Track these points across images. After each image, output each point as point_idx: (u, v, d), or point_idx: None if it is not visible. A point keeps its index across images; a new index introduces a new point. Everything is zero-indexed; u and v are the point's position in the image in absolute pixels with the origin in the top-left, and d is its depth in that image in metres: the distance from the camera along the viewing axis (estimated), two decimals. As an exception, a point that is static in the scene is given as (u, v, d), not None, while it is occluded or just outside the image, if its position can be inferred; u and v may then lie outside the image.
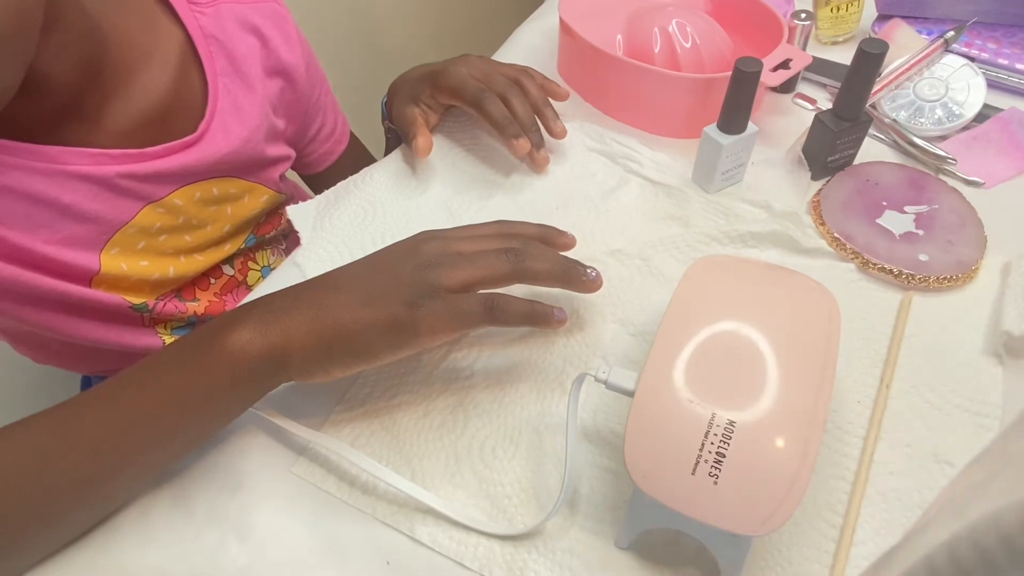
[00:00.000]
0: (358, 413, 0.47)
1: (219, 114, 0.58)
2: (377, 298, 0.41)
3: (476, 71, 0.63)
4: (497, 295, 0.43)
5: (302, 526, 0.42)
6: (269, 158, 0.65)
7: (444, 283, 0.42)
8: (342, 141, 0.78)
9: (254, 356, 0.40)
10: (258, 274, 0.70)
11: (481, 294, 0.43)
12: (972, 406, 0.47)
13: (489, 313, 0.42)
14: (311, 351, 0.41)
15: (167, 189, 0.56)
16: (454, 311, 0.41)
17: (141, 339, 0.61)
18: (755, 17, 0.71)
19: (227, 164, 0.60)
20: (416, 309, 0.41)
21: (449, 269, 0.42)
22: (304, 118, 0.70)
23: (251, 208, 0.65)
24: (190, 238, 0.60)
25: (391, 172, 0.64)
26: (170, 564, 0.40)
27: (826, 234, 0.57)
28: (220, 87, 0.58)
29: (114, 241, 0.54)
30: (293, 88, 0.66)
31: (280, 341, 0.40)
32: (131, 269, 0.56)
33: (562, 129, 0.63)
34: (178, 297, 0.62)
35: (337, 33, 1.24)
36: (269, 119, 0.63)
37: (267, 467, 0.44)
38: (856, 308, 0.53)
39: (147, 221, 0.56)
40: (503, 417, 0.47)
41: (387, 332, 0.41)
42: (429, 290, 0.41)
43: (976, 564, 0.15)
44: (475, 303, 0.42)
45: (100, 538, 0.41)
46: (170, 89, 0.55)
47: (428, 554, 0.41)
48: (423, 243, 0.45)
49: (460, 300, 0.42)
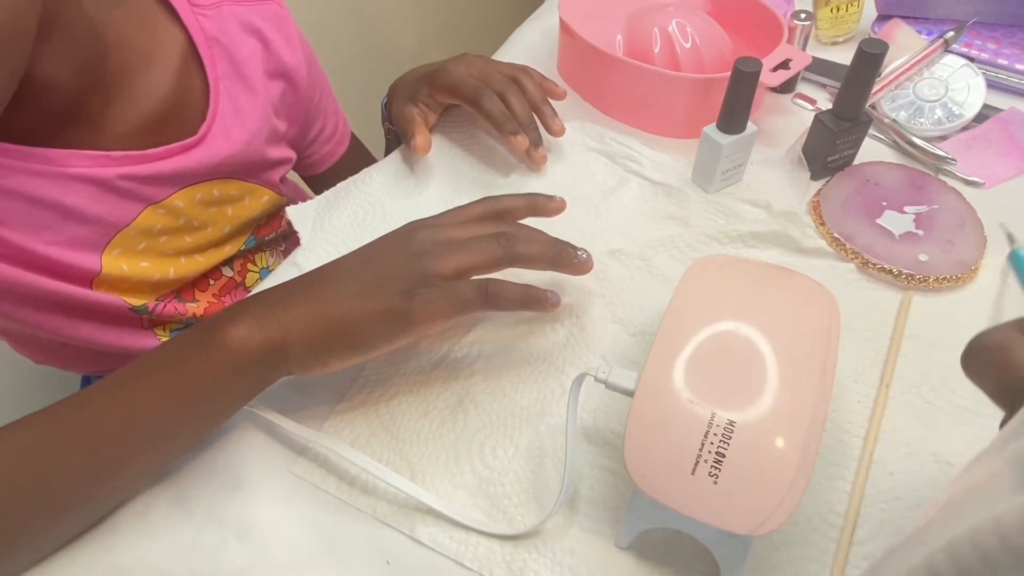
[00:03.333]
0: (358, 413, 0.47)
1: (220, 117, 0.58)
2: (373, 289, 0.42)
3: (474, 70, 0.63)
4: (492, 280, 0.43)
5: (302, 526, 0.42)
6: (270, 160, 0.65)
7: (438, 270, 0.42)
8: (343, 143, 0.79)
9: (252, 350, 0.40)
10: (256, 276, 0.70)
11: (476, 280, 0.43)
12: (972, 406, 0.47)
13: (484, 298, 0.43)
14: (309, 344, 0.41)
15: (168, 191, 0.56)
16: (450, 297, 0.42)
17: (140, 340, 0.61)
18: (755, 17, 0.71)
19: (228, 166, 0.60)
20: (412, 298, 0.41)
21: (442, 256, 0.43)
22: (305, 120, 0.70)
23: (252, 209, 0.65)
24: (191, 239, 0.60)
25: (390, 172, 0.64)
26: (170, 564, 0.40)
27: (826, 234, 0.57)
28: (222, 90, 0.58)
29: (115, 242, 0.54)
30: (295, 90, 0.66)
31: (278, 335, 0.40)
32: (132, 270, 0.56)
33: (560, 127, 0.63)
34: (177, 298, 0.62)
35: (338, 34, 1.24)
36: (270, 122, 0.63)
37: (267, 467, 0.44)
38: (856, 308, 0.53)
39: (148, 223, 0.56)
40: (503, 417, 0.47)
41: (384, 322, 0.41)
42: (423, 278, 0.42)
43: (976, 564, 0.15)
44: (470, 289, 0.42)
45: (100, 538, 0.41)
46: (171, 91, 0.55)
47: (428, 554, 0.41)
48: (414, 232, 0.45)
49: (455, 286, 0.42)
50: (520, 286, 0.44)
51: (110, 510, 0.42)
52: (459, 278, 0.43)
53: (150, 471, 0.42)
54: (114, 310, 0.57)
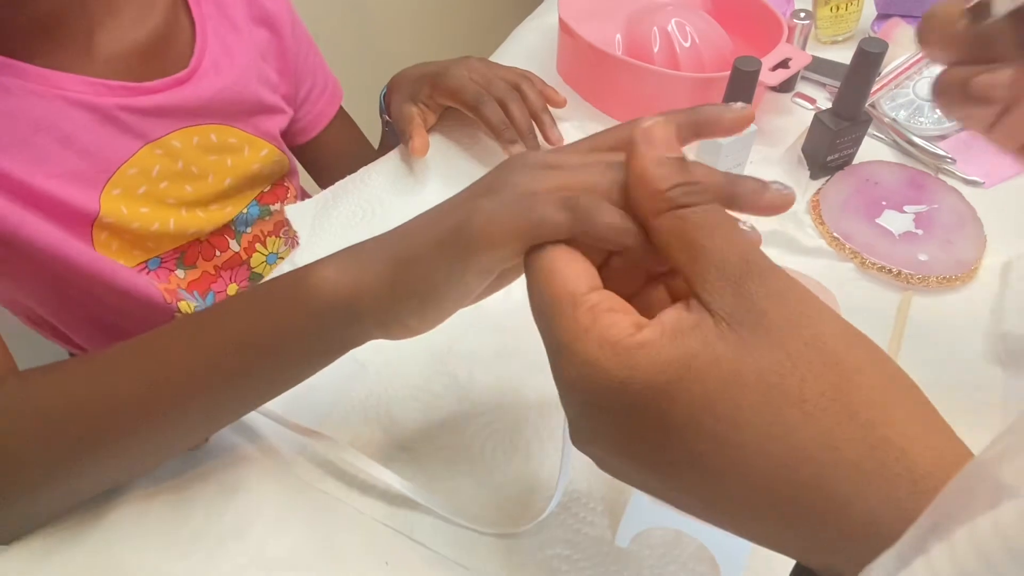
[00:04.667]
0: (358, 413, 0.47)
1: (209, 52, 0.60)
2: (444, 214, 0.33)
3: (476, 74, 0.63)
4: (584, 194, 0.29)
5: (301, 526, 0.42)
6: (265, 104, 0.66)
7: (529, 187, 0.31)
8: (334, 102, 0.79)
9: (329, 294, 0.35)
10: (263, 259, 0.70)
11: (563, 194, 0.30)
12: (972, 406, 0.47)
13: (571, 213, 0.28)
14: (380, 293, 0.35)
15: (165, 128, 0.58)
16: (519, 211, 0.29)
17: (149, 314, 0.61)
18: (754, 16, 0.71)
19: (222, 102, 0.61)
20: (473, 213, 0.31)
21: (540, 172, 0.31)
22: (295, 76, 0.71)
23: (251, 161, 0.66)
24: (191, 188, 0.61)
25: (389, 171, 0.64)
26: (169, 564, 0.40)
27: (825, 233, 0.57)
28: (209, 28, 0.60)
29: (114, 181, 0.55)
30: (279, 39, 0.67)
31: (351, 283, 0.35)
32: (131, 214, 0.57)
33: (558, 137, 0.64)
34: (180, 264, 0.63)
35: (338, 33, 1.24)
36: (259, 64, 0.65)
37: (266, 467, 0.44)
38: (855, 307, 0.52)
39: (146, 163, 0.57)
40: (503, 417, 0.47)
41: (443, 251, 0.32)
42: (501, 187, 0.31)
43: (976, 564, 0.15)
44: (551, 201, 0.29)
45: (99, 538, 0.41)
46: (159, 25, 0.57)
47: (428, 554, 0.41)
48: (524, 153, 0.34)
49: (531, 196, 0.30)
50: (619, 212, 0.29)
51: (168, 455, 0.42)
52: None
53: (220, 417, 0.40)
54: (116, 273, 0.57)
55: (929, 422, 0.24)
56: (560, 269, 0.27)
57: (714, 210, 0.25)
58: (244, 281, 0.69)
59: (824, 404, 0.22)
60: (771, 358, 0.22)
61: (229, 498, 0.43)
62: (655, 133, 0.27)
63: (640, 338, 0.24)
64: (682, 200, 0.25)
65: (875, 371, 0.23)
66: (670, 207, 0.25)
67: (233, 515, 0.42)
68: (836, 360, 0.23)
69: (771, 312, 0.23)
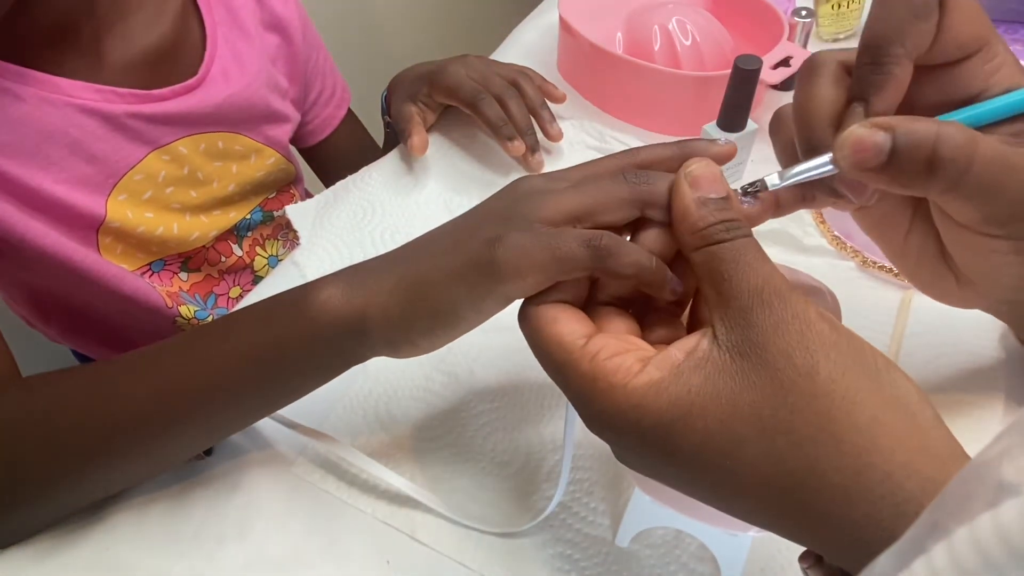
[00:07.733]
0: (358, 413, 0.47)
1: (219, 59, 0.60)
2: (461, 242, 0.34)
3: (474, 72, 0.63)
4: (606, 233, 0.31)
5: (302, 526, 0.42)
6: (274, 112, 0.66)
7: (541, 214, 0.32)
8: (342, 106, 0.79)
9: (333, 314, 0.36)
10: (265, 261, 0.70)
11: (584, 230, 0.32)
12: (972, 405, 0.47)
13: (592, 252, 0.30)
14: (391, 313, 0.35)
15: (173, 135, 0.58)
16: (545, 245, 0.30)
17: (152, 319, 0.61)
18: (755, 14, 0.71)
19: (230, 109, 0.61)
20: (498, 245, 0.31)
21: (550, 198, 0.32)
22: (305, 80, 0.72)
23: (257, 169, 0.66)
24: (196, 193, 0.61)
25: (390, 171, 0.64)
26: (169, 563, 0.40)
27: (826, 232, 0.57)
28: (219, 35, 0.60)
29: (120, 187, 0.55)
30: (290, 44, 0.67)
31: (360, 302, 0.35)
32: (136, 219, 0.57)
33: (558, 132, 0.63)
34: (183, 267, 0.63)
35: (338, 33, 1.24)
36: (269, 70, 0.65)
37: (267, 467, 0.44)
38: (856, 307, 0.52)
39: (153, 168, 0.57)
40: (503, 416, 0.47)
41: (465, 278, 0.33)
42: (520, 223, 0.32)
43: (976, 564, 0.15)
44: (574, 238, 0.30)
45: (99, 537, 0.41)
46: (169, 32, 0.57)
47: (428, 554, 0.41)
48: (526, 178, 0.36)
49: (555, 233, 0.31)
50: (644, 251, 0.31)
51: (169, 466, 0.42)
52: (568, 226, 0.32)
53: (215, 432, 0.41)
54: (119, 278, 0.57)
55: (920, 446, 0.25)
56: (556, 331, 0.30)
57: (742, 244, 0.28)
58: (248, 285, 0.69)
59: (811, 433, 0.24)
60: (765, 391, 0.25)
61: (229, 498, 0.43)
62: (699, 173, 0.30)
63: (645, 378, 0.26)
64: (717, 236, 0.28)
65: (867, 396, 0.25)
66: (705, 243, 0.28)
67: (234, 515, 0.42)
68: (827, 390, 0.24)
69: (771, 344, 0.25)
